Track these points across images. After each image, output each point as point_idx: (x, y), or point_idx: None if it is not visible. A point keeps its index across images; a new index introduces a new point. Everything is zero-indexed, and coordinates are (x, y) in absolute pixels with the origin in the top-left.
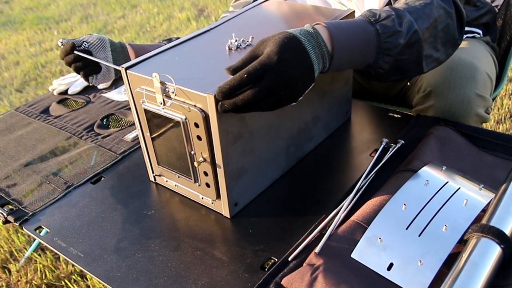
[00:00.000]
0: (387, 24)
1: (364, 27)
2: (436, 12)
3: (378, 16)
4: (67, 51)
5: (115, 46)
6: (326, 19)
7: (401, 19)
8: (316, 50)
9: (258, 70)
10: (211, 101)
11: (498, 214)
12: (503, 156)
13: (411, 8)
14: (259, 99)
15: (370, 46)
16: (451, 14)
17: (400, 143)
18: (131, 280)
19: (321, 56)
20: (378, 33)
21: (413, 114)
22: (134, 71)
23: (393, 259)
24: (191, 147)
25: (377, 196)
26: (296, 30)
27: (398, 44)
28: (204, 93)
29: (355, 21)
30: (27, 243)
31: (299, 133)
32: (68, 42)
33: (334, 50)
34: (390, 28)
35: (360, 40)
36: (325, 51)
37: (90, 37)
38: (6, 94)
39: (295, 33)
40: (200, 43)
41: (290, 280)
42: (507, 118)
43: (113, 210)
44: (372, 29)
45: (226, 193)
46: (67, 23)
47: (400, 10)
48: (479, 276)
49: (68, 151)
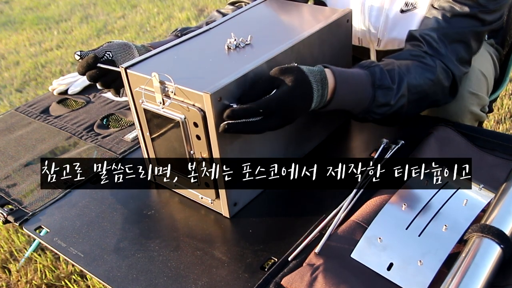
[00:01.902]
0: (384, 94)
1: (365, 90)
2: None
3: (380, 82)
4: (89, 64)
5: (141, 51)
6: (325, 19)
7: (398, 92)
8: (319, 99)
9: (272, 107)
10: (207, 100)
11: (498, 214)
12: (503, 156)
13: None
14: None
15: (361, 106)
16: (445, 89)
17: (400, 143)
18: (131, 280)
19: (320, 101)
20: (374, 99)
21: None
22: (134, 70)
23: (393, 259)
24: (190, 146)
25: (377, 196)
26: (312, 75)
27: (384, 113)
28: (202, 92)
29: (360, 78)
30: (27, 243)
31: (298, 133)
32: (89, 55)
33: (331, 102)
34: (384, 99)
35: (355, 99)
36: (324, 100)
37: (112, 45)
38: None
39: (311, 79)
40: (199, 42)
41: (290, 280)
42: (507, 118)
43: (113, 210)
44: (370, 93)
45: (225, 193)
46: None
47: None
48: (479, 276)
49: (68, 151)
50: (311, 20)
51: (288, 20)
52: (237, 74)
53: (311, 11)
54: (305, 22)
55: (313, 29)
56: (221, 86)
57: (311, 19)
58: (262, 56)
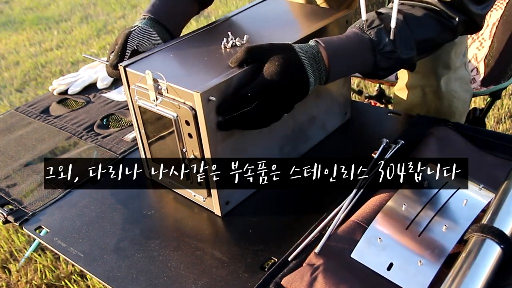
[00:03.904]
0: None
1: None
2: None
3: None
4: None
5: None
6: (324, 19)
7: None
8: (316, 74)
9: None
10: (198, 99)
11: (498, 214)
12: (503, 156)
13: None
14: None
15: (364, 70)
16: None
17: (400, 143)
18: (131, 280)
19: (319, 78)
20: (376, 64)
21: None
22: (132, 68)
23: (393, 259)
24: (182, 144)
25: (377, 196)
26: (302, 51)
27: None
28: (192, 91)
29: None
30: (27, 243)
31: (294, 133)
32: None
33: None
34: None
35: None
36: (324, 75)
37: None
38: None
39: (301, 56)
40: (197, 41)
41: (290, 280)
42: (507, 118)
43: (113, 210)
44: (371, 60)
45: (216, 192)
46: (67, 23)
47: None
48: (479, 276)
49: (68, 151)
50: (310, 20)
51: (287, 20)
52: (229, 73)
53: (310, 11)
54: (304, 22)
55: (312, 29)
56: (212, 85)
57: (310, 19)
58: None
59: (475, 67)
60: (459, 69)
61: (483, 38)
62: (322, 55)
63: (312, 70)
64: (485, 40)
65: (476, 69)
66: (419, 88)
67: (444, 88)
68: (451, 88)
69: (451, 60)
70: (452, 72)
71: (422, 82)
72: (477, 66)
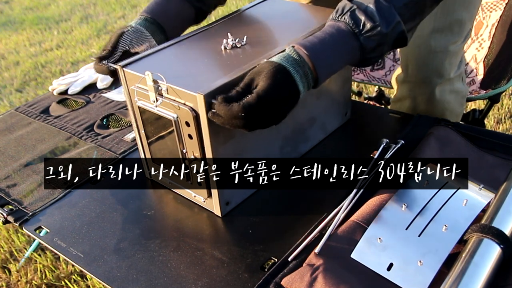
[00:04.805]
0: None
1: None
2: None
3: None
4: None
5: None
6: (323, 19)
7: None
8: (303, 80)
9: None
10: (201, 100)
11: (498, 214)
12: (503, 156)
13: None
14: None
15: (354, 59)
16: None
17: (400, 143)
18: (131, 280)
19: (307, 84)
20: (363, 48)
21: None
22: (130, 69)
23: (393, 259)
24: (183, 145)
25: (377, 196)
26: (283, 60)
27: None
28: (194, 93)
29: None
30: (27, 243)
31: (294, 134)
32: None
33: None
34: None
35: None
36: (311, 78)
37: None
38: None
39: (285, 65)
40: (196, 42)
41: (290, 280)
42: (507, 118)
43: (113, 210)
44: (356, 45)
45: (217, 192)
46: (67, 23)
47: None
48: (479, 276)
49: (68, 151)
50: (310, 20)
51: (286, 20)
52: (231, 75)
53: (310, 11)
54: (304, 22)
55: (311, 29)
56: (215, 86)
57: (310, 19)
58: (258, 57)
59: (474, 68)
60: (455, 81)
61: (482, 38)
62: (304, 59)
63: (299, 76)
64: (484, 41)
65: (476, 70)
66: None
67: (438, 97)
68: (445, 99)
69: (445, 69)
70: (446, 83)
71: (414, 91)
72: (476, 67)
